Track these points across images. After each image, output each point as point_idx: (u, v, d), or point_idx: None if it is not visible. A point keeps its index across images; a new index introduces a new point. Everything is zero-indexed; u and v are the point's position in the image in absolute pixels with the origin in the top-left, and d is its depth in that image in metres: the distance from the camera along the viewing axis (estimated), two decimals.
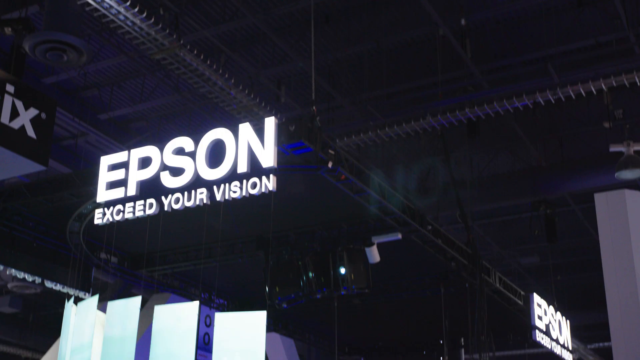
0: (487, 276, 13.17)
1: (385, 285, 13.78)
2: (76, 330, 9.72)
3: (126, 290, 15.19)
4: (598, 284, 10.76)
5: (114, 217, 9.35)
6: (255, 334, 8.68)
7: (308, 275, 11.56)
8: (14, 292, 15.50)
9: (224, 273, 13.02)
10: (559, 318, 14.98)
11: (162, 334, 8.93)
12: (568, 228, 16.60)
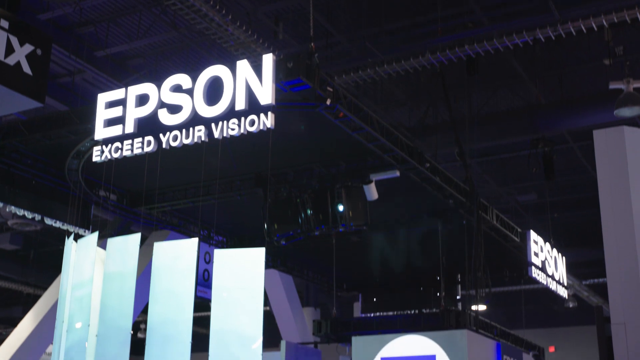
0: (485, 213, 13.24)
1: (383, 223, 13.86)
2: (76, 267, 9.81)
3: (125, 228, 15.28)
4: (594, 221, 10.83)
5: (112, 155, 9.37)
6: (254, 271, 8.76)
7: (306, 213, 11.62)
8: (14, 229, 15.59)
9: (223, 210, 13.08)
10: (555, 255, 15.13)
11: (161, 271, 9.02)
12: (566, 166, 16.63)
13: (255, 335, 8.39)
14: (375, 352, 12.11)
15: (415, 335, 12.12)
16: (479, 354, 11.96)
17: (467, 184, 12.76)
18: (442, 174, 12.05)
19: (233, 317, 8.64)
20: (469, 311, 13.37)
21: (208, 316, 8.68)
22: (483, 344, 12.35)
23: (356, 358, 12.44)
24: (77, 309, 9.44)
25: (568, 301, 18.61)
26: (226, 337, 8.54)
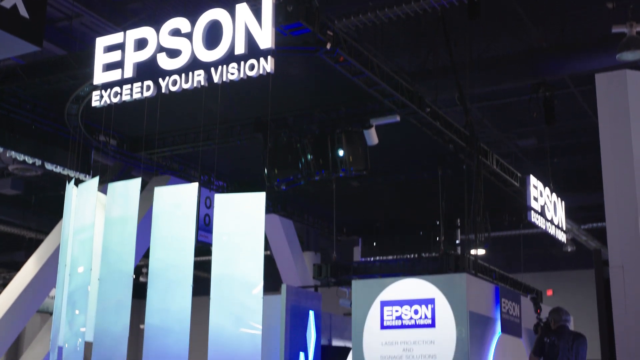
0: (485, 158, 13.26)
1: (383, 168, 13.88)
2: (78, 211, 9.86)
3: (126, 173, 15.31)
4: (594, 166, 10.84)
5: (112, 100, 9.34)
6: (254, 216, 8.81)
7: (306, 158, 11.63)
8: (15, 174, 15.61)
9: (223, 155, 13.09)
10: (554, 199, 15.18)
11: (162, 216, 9.07)
12: (567, 111, 16.57)
13: (256, 280, 8.47)
14: (375, 295, 12.23)
15: (414, 279, 12.23)
16: (477, 297, 12.09)
17: (467, 129, 12.75)
18: (442, 119, 12.02)
19: (234, 261, 8.71)
20: (468, 255, 13.48)
21: (209, 260, 8.75)
22: (482, 288, 12.47)
23: (356, 301, 12.57)
24: (79, 254, 9.52)
25: (566, 245, 18.74)
26: (227, 281, 8.62)
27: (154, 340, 8.65)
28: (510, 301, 12.96)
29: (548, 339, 8.45)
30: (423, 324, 11.75)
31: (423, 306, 11.81)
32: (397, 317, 11.97)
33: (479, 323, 11.87)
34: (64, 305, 9.57)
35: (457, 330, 11.47)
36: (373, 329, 12.10)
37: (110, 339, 8.86)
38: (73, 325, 9.24)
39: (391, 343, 11.89)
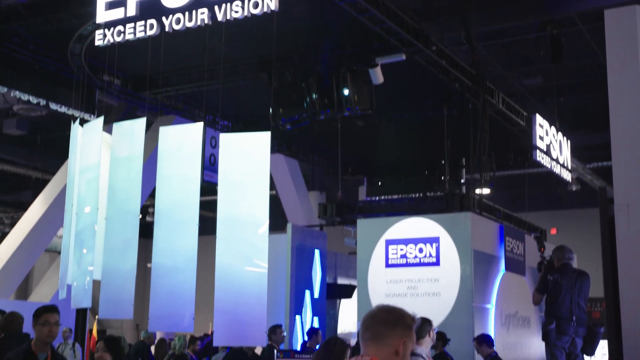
0: (490, 97, 13.18)
1: (389, 107, 13.83)
2: (83, 151, 9.87)
3: (131, 113, 15.27)
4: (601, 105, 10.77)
5: (115, 38, 9.26)
6: (259, 155, 8.80)
7: (311, 97, 11.57)
8: (20, 114, 15.58)
9: (228, 95, 13.04)
10: (560, 138, 15.13)
11: (167, 155, 9.07)
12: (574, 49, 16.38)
13: (262, 219, 8.51)
14: (380, 234, 12.31)
15: (419, 218, 12.29)
16: (482, 236, 12.16)
17: (474, 68, 12.64)
18: (448, 58, 11.92)
19: (239, 201, 8.73)
20: (473, 194, 13.51)
21: (215, 200, 8.78)
22: (486, 226, 12.54)
23: (361, 240, 12.66)
24: (86, 193, 9.55)
25: (571, 184, 18.73)
26: (233, 221, 8.66)
27: (162, 279, 8.74)
28: (514, 239, 13.04)
29: (551, 277, 8.51)
30: (427, 262, 11.85)
31: (428, 245, 11.89)
32: (402, 255, 12.06)
33: (483, 261, 11.96)
34: (71, 244, 9.65)
35: (461, 268, 11.57)
36: (378, 267, 12.21)
37: (118, 278, 8.95)
38: (81, 264, 9.33)
39: (396, 281, 12.01)
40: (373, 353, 3.00)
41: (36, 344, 6.10)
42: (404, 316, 3.09)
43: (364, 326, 3.09)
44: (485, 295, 11.93)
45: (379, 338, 3.02)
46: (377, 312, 3.11)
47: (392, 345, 3.01)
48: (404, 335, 3.03)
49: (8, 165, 19.67)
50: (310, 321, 13.11)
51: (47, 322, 6.05)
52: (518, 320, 12.91)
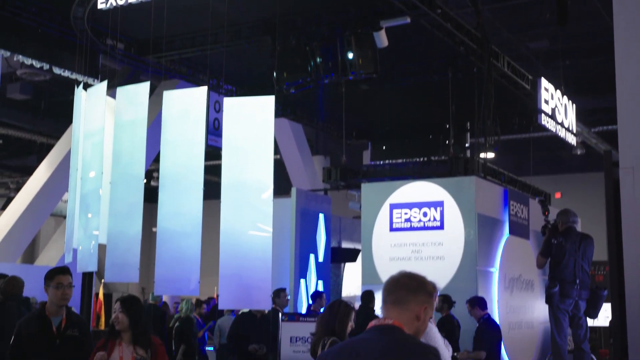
0: (496, 60, 13.11)
1: (393, 71, 13.76)
2: (87, 116, 9.86)
3: (134, 77, 15.23)
4: (606, 68, 10.69)
5: (117, 2, 9.22)
6: (263, 119, 8.79)
7: (315, 61, 11.52)
8: (23, 79, 15.54)
9: (232, 59, 12.98)
10: (565, 102, 15.08)
11: (172, 120, 9.06)
12: (580, 11, 16.24)
13: (266, 184, 8.52)
14: (384, 198, 12.33)
15: (423, 182, 12.30)
16: (486, 200, 12.17)
17: (479, 31, 12.55)
18: (453, 21, 11.83)
19: (244, 165, 8.74)
20: (478, 158, 13.50)
21: (219, 165, 8.79)
22: (491, 190, 12.54)
23: (365, 204, 12.69)
24: (90, 158, 9.56)
25: (576, 148, 18.70)
26: (237, 185, 8.68)
27: (167, 243, 8.78)
28: (518, 203, 13.05)
29: (555, 240, 8.54)
30: (432, 226, 11.88)
31: (432, 209, 11.91)
32: (406, 219, 12.09)
33: (487, 225, 11.99)
34: (76, 208, 9.69)
35: (466, 232, 11.60)
36: (382, 231, 12.25)
37: (123, 242, 9.00)
38: (86, 229, 9.37)
39: (400, 245, 12.05)
40: (395, 317, 3.10)
41: (50, 308, 5.86)
42: (426, 283, 3.20)
43: (387, 290, 3.19)
44: (489, 259, 11.98)
45: (402, 303, 3.13)
46: (400, 278, 3.20)
47: (414, 310, 3.12)
48: (425, 301, 3.15)
49: (13, 130, 19.68)
50: (315, 285, 13.19)
51: (60, 284, 5.82)
52: (521, 283, 12.98)
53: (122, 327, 5.66)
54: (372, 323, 3.18)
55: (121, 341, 5.68)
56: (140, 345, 5.64)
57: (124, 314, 5.67)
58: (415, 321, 3.13)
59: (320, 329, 5.96)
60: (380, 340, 3.06)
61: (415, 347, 3.04)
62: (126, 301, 5.77)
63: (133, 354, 5.62)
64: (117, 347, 5.65)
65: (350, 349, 3.11)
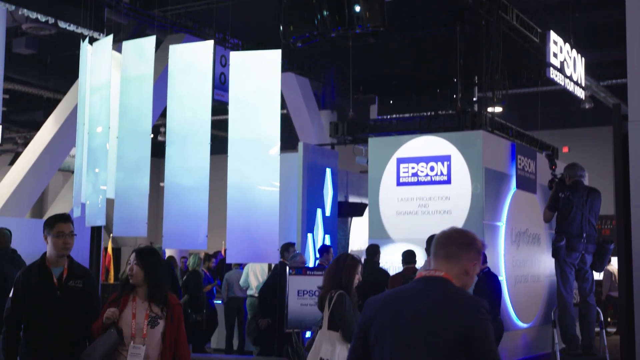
0: (504, 13, 12.96)
1: (401, 24, 13.63)
2: (93, 70, 9.83)
3: (140, 31, 15.13)
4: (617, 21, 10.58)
5: None
6: (270, 73, 8.75)
7: (322, 14, 11.40)
8: (28, 33, 15.46)
9: (238, 12, 12.87)
10: (574, 55, 14.95)
11: (178, 74, 9.03)
12: None
13: (273, 138, 8.52)
14: (391, 153, 12.32)
15: (430, 136, 12.28)
16: (493, 154, 12.15)
17: None
18: None
19: (250, 120, 8.74)
20: (485, 112, 13.44)
21: (226, 119, 8.78)
22: (498, 144, 12.52)
23: (372, 159, 12.68)
24: (97, 113, 9.56)
25: (584, 102, 18.57)
26: (244, 140, 8.68)
27: (175, 197, 8.82)
28: (526, 158, 13.03)
29: (562, 194, 8.54)
30: (439, 180, 11.88)
31: (439, 163, 11.90)
32: (413, 173, 12.10)
33: (494, 179, 11.98)
34: (84, 163, 9.72)
35: (473, 186, 11.61)
36: (389, 185, 12.27)
37: (131, 196, 9.04)
38: (94, 183, 9.41)
39: (407, 199, 12.08)
40: (445, 270, 3.21)
41: (50, 258, 5.47)
42: (476, 240, 3.31)
43: (439, 244, 3.30)
44: (496, 213, 12.00)
45: (453, 257, 3.24)
46: (452, 233, 3.32)
47: (463, 265, 3.24)
48: (475, 258, 3.26)
49: (19, 85, 19.64)
50: (322, 239, 13.26)
51: (61, 232, 5.42)
52: (528, 237, 13.01)
53: (136, 280, 5.21)
54: (421, 273, 3.28)
55: (135, 296, 5.23)
56: (155, 302, 5.19)
57: (140, 266, 5.21)
58: (464, 276, 3.24)
59: (327, 282, 6.02)
60: (431, 291, 3.16)
61: (466, 299, 3.13)
62: (142, 252, 5.33)
63: (147, 311, 5.16)
64: (131, 303, 5.21)
65: (400, 297, 3.21)
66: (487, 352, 3.02)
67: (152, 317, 5.15)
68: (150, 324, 5.13)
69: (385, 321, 3.18)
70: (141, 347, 5.06)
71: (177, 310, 5.25)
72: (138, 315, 5.15)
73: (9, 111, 21.68)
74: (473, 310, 3.07)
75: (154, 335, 5.12)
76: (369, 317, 3.25)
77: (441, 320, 3.06)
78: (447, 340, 3.03)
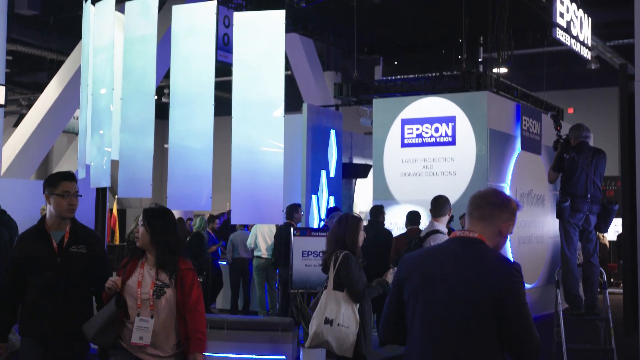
0: None
1: None
2: (96, 31, 9.77)
3: None
4: None
5: None
6: (274, 34, 8.69)
7: None
8: None
9: None
10: (581, 15, 14.81)
11: (181, 35, 8.97)
12: None
13: (277, 100, 8.48)
14: (396, 114, 12.29)
15: (435, 97, 12.23)
16: (498, 115, 12.11)
17: None
18: None
19: (254, 81, 8.69)
20: (490, 73, 13.37)
21: (230, 81, 8.74)
22: (503, 105, 12.47)
23: (377, 120, 12.66)
24: (100, 74, 9.53)
25: (590, 63, 18.44)
26: (248, 102, 8.65)
27: (179, 159, 8.82)
28: (531, 119, 12.98)
29: (567, 155, 8.51)
30: (443, 141, 11.87)
31: (444, 124, 11.87)
32: (418, 135, 12.08)
33: (499, 140, 11.96)
34: (88, 125, 9.71)
35: (477, 147, 11.59)
36: (394, 146, 12.26)
37: (135, 158, 9.04)
38: (99, 145, 9.41)
39: (411, 160, 12.07)
40: (479, 231, 3.25)
41: (50, 221, 4.92)
42: (511, 201, 3.35)
43: (474, 205, 3.33)
44: (501, 174, 11.99)
45: (487, 218, 3.27)
46: (487, 194, 3.35)
47: (498, 226, 3.28)
48: (509, 218, 3.31)
49: (22, 46, 19.55)
50: (326, 201, 13.28)
51: (67, 192, 4.86)
52: (532, 198, 13.02)
53: (143, 243, 4.63)
54: (455, 233, 3.32)
55: (145, 262, 4.65)
56: (164, 269, 4.57)
57: (146, 228, 4.62)
58: (498, 236, 3.28)
59: (331, 244, 6.03)
60: (465, 252, 3.20)
61: (500, 262, 3.17)
62: (150, 213, 4.72)
63: (154, 279, 4.56)
64: (138, 270, 4.62)
65: (434, 257, 3.25)
66: (519, 314, 3.05)
67: (157, 285, 4.53)
68: (156, 293, 4.51)
69: (418, 280, 3.23)
70: (149, 321, 4.47)
71: (188, 276, 4.60)
72: (144, 284, 4.54)
73: (13, 73, 21.60)
74: (506, 273, 3.11)
75: (161, 307, 4.51)
76: (404, 275, 3.30)
77: (474, 281, 3.10)
78: (479, 301, 3.08)
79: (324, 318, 5.72)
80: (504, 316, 3.05)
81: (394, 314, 3.35)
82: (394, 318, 3.34)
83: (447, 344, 3.10)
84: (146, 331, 4.46)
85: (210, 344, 8.79)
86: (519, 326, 3.04)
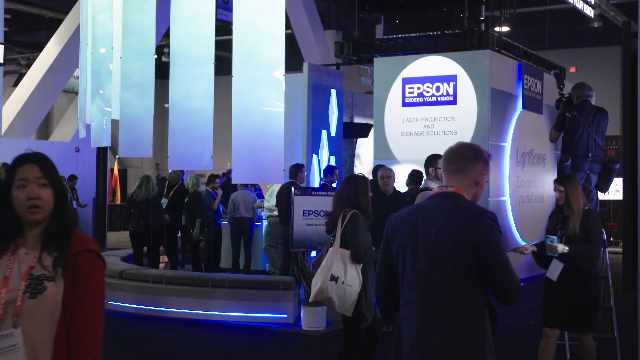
0: None
1: None
2: None
3: None
4: None
5: None
6: None
7: None
8: None
9: None
10: None
11: None
12: None
13: (278, 59, 8.45)
14: (397, 73, 12.22)
15: (436, 56, 12.15)
16: (500, 74, 12.05)
17: None
18: None
19: (255, 41, 8.65)
20: (492, 32, 13.27)
21: (230, 40, 8.68)
22: (505, 64, 12.40)
23: (378, 79, 12.59)
24: (100, 33, 9.48)
25: (593, 21, 18.29)
26: (249, 61, 8.61)
27: (179, 119, 8.81)
28: (532, 78, 12.92)
29: (569, 114, 8.48)
30: (444, 100, 11.82)
31: (445, 83, 11.82)
32: (419, 94, 12.03)
33: (501, 99, 11.92)
34: (88, 84, 9.68)
35: (478, 106, 11.55)
36: (395, 106, 12.21)
37: (135, 117, 9.04)
38: (99, 104, 9.40)
39: (412, 119, 12.04)
40: (456, 184, 3.40)
41: None
42: (482, 152, 3.47)
43: (448, 160, 3.47)
44: (502, 134, 11.97)
45: (462, 171, 3.41)
46: (459, 149, 3.47)
47: (473, 177, 3.41)
48: (482, 168, 3.43)
49: (21, 4, 19.40)
50: (327, 160, 13.27)
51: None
52: (533, 157, 13.02)
53: (43, 214, 2.81)
54: (435, 190, 3.49)
55: (17, 246, 2.81)
56: (48, 252, 2.78)
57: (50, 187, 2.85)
58: (474, 186, 3.42)
59: (339, 204, 5.99)
60: (443, 206, 3.36)
61: (474, 211, 3.32)
62: (28, 158, 3.03)
63: (29, 268, 2.76)
64: (6, 258, 2.79)
65: (417, 213, 3.40)
66: (496, 259, 3.21)
67: (33, 278, 2.74)
68: (30, 289, 2.72)
69: (404, 236, 3.40)
70: (13, 334, 2.69)
71: (86, 263, 2.81)
72: (12, 279, 2.75)
73: (11, 32, 21.47)
74: (480, 221, 3.27)
75: (37, 310, 2.72)
76: (391, 233, 3.48)
77: (452, 231, 3.27)
78: (460, 250, 3.24)
79: (329, 275, 5.72)
80: (481, 261, 3.22)
81: (385, 270, 3.54)
82: (385, 274, 3.53)
83: (435, 295, 3.27)
84: (15, 351, 2.67)
85: (211, 303, 8.87)
86: (497, 270, 3.20)
